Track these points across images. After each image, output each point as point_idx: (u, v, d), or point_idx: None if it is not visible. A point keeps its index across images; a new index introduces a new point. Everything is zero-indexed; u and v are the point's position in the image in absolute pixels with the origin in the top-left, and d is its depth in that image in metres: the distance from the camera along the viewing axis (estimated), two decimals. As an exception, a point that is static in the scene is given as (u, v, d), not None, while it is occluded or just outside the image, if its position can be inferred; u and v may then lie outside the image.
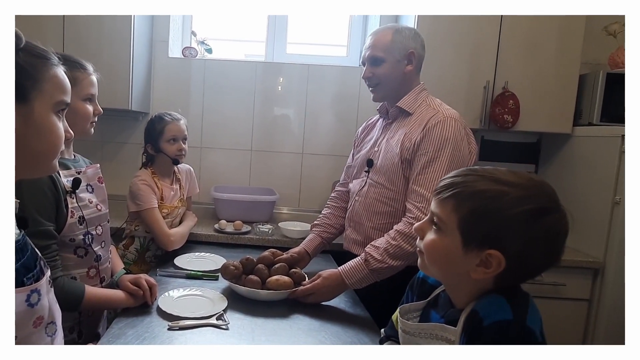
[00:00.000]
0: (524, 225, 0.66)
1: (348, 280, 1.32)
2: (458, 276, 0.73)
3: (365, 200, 1.49)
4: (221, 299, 1.26)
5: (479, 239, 0.69)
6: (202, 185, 2.44)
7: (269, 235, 1.96)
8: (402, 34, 1.44)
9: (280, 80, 2.47)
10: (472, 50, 2.08)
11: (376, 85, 1.48)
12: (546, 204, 0.68)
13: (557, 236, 0.69)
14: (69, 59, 1.16)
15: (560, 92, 2.10)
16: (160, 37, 2.42)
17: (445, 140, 1.32)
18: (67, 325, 1.17)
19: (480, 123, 2.12)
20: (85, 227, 1.18)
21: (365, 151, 1.57)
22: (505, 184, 0.69)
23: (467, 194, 0.70)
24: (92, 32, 2.09)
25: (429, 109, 1.41)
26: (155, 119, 1.72)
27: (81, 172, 1.21)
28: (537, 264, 0.71)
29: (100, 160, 2.46)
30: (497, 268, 0.68)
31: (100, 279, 1.26)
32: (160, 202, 1.68)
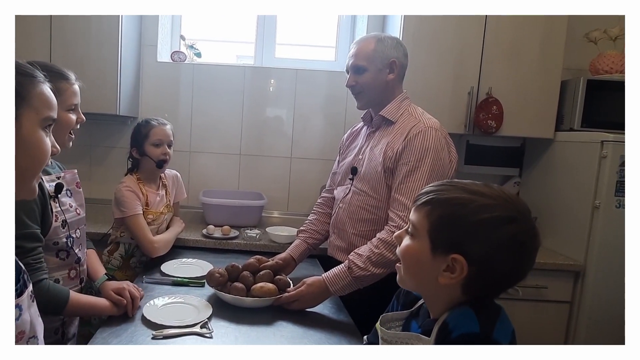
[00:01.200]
0: (487, 231, 0.69)
1: (332, 288, 1.34)
2: (429, 283, 0.75)
3: (349, 208, 1.52)
4: (206, 306, 1.28)
5: (445, 244, 0.71)
6: (191, 189, 2.46)
7: (257, 240, 1.97)
8: (385, 43, 1.47)
9: (269, 85, 2.48)
10: (456, 56, 2.12)
11: (359, 93, 1.51)
12: (511, 213, 0.70)
13: (522, 246, 0.70)
14: (51, 69, 1.17)
15: (542, 97, 2.14)
16: (149, 41, 2.43)
17: (426, 149, 1.35)
18: (53, 327, 1.19)
19: (465, 128, 2.15)
20: (67, 231, 1.20)
21: (350, 159, 1.60)
22: (475, 193, 0.72)
23: (439, 201, 0.73)
24: (80, 37, 2.09)
25: (411, 118, 1.44)
26: (142, 123, 1.74)
27: (61, 177, 1.23)
28: (502, 273, 0.71)
29: (89, 164, 2.49)
30: (461, 273, 0.70)
31: (80, 279, 1.28)
32: (145, 208, 1.69)
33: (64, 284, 1.20)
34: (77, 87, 1.22)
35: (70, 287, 1.21)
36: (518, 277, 0.73)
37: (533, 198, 2.30)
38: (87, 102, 2.09)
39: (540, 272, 1.93)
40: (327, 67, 2.57)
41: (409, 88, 1.57)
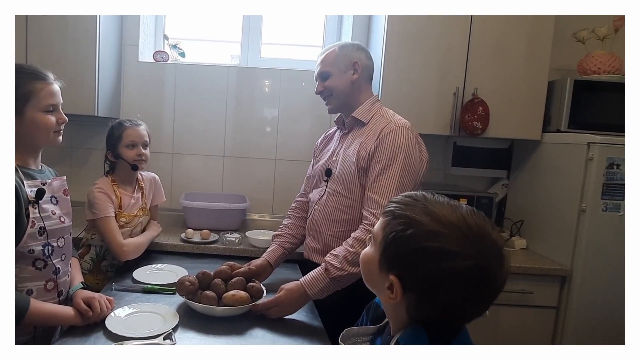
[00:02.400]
0: (426, 261, 0.64)
1: (310, 291, 1.32)
2: (380, 294, 0.73)
3: (324, 209, 1.52)
4: (173, 316, 1.23)
5: (388, 262, 0.69)
6: (173, 191, 2.41)
7: (237, 244, 1.93)
8: (346, 47, 1.54)
9: (254, 85, 2.43)
10: (442, 56, 2.07)
11: (328, 97, 1.56)
12: (461, 248, 0.62)
13: (469, 285, 0.63)
14: (26, 70, 1.14)
15: (529, 98, 2.10)
16: (130, 41, 2.38)
17: (397, 148, 1.38)
18: (22, 340, 1.15)
19: (450, 129, 2.11)
20: (45, 239, 1.16)
21: (324, 161, 1.62)
22: (431, 215, 0.66)
23: (394, 216, 0.69)
24: (56, 36, 2.04)
25: (382, 119, 1.47)
26: (114, 124, 1.71)
27: (46, 183, 1.19)
28: (448, 308, 0.65)
29: (69, 166, 2.44)
30: (397, 295, 0.67)
31: (58, 292, 1.23)
32: (118, 210, 1.65)
33: (38, 295, 1.15)
34: (56, 87, 1.18)
35: (46, 300, 1.17)
36: (471, 313, 0.67)
37: (521, 200, 2.27)
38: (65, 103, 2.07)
39: (526, 277, 1.89)
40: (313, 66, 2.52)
41: (393, 89, 1.58)
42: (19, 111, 1.10)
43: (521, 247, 2.14)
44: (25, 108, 1.11)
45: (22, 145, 1.14)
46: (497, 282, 0.65)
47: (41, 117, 1.13)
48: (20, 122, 1.11)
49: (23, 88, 1.10)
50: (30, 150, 1.18)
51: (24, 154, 1.16)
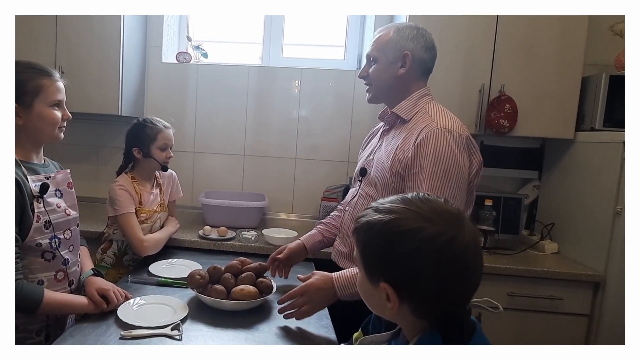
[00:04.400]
0: (393, 250, 0.64)
1: (340, 292, 1.17)
2: (385, 314, 0.71)
3: (354, 212, 1.39)
4: (183, 308, 1.23)
5: (373, 273, 0.67)
6: (195, 189, 2.44)
7: (253, 242, 1.92)
8: (402, 33, 1.31)
9: (275, 85, 2.44)
10: (466, 52, 2.00)
11: (369, 86, 1.39)
12: (412, 224, 0.63)
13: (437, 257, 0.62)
14: (34, 67, 1.17)
15: (561, 95, 1.99)
16: (154, 42, 2.43)
17: (437, 156, 1.18)
18: (35, 328, 1.18)
19: (476, 128, 2.03)
20: (51, 232, 1.17)
21: (362, 160, 1.47)
22: (378, 211, 0.67)
23: (359, 230, 0.69)
24: (83, 37, 2.11)
25: (426, 116, 1.27)
26: (146, 123, 1.70)
27: (50, 177, 1.21)
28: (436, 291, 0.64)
29: (96, 164, 2.51)
30: (395, 300, 0.65)
31: (69, 282, 1.25)
32: (138, 206, 1.67)
33: (49, 285, 1.17)
34: (61, 84, 1.20)
35: (57, 289, 1.18)
36: (461, 291, 0.65)
37: (553, 202, 2.15)
38: (90, 103, 2.16)
39: (555, 283, 1.78)
40: (335, 65, 2.51)
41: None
42: (28, 104, 1.13)
43: (552, 251, 2.02)
44: (34, 102, 1.14)
45: (26, 139, 1.17)
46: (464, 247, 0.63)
47: (48, 112, 1.16)
48: (27, 116, 1.14)
49: (33, 82, 1.13)
50: (34, 145, 1.20)
51: (27, 149, 1.18)
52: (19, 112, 1.12)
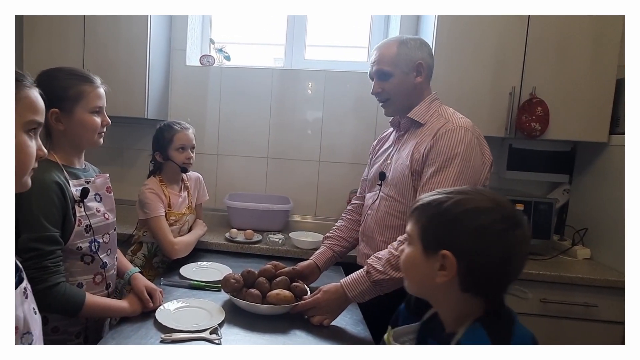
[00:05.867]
0: (464, 223, 0.71)
1: (350, 293, 1.24)
2: (430, 286, 0.76)
3: (377, 214, 1.43)
4: (219, 312, 1.22)
5: (433, 244, 0.74)
6: (218, 192, 2.44)
7: (280, 245, 1.90)
8: (408, 45, 1.38)
9: (298, 87, 2.43)
10: (496, 54, 1.97)
11: (386, 101, 1.43)
12: (485, 204, 0.72)
13: (501, 234, 0.70)
14: (77, 73, 1.18)
15: (595, 97, 1.94)
16: (178, 45, 2.44)
17: (453, 149, 1.25)
18: (75, 330, 1.19)
19: (506, 131, 1.99)
20: (91, 235, 1.18)
21: (378, 164, 1.52)
22: (452, 192, 0.75)
23: (422, 206, 0.77)
24: (110, 40, 2.13)
25: (440, 118, 1.35)
26: (164, 127, 1.73)
27: (90, 181, 1.22)
28: (491, 264, 0.71)
29: (120, 166, 2.52)
30: (452, 269, 0.71)
31: (107, 285, 1.26)
32: (167, 209, 1.67)
33: (87, 288, 1.18)
34: (102, 91, 1.21)
35: (95, 292, 1.19)
36: (510, 269, 0.72)
37: (584, 207, 2.09)
38: (116, 105, 2.15)
39: (589, 289, 1.73)
40: (358, 68, 2.49)
41: (443, 89, 1.46)
42: (69, 110, 1.14)
43: (584, 257, 1.97)
44: (75, 108, 1.14)
45: (68, 144, 1.18)
46: (524, 232, 0.71)
47: (89, 118, 1.17)
48: (68, 122, 1.15)
49: (74, 89, 1.14)
50: (75, 150, 1.21)
51: (69, 153, 1.19)
52: (60, 118, 1.14)
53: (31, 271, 1.00)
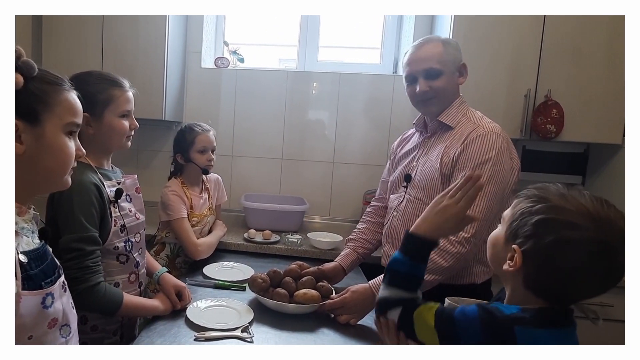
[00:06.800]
0: (545, 231, 0.69)
1: None
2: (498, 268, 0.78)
3: (403, 216, 1.44)
4: (248, 311, 1.24)
5: (513, 234, 0.74)
6: (233, 193, 2.46)
7: (298, 245, 1.93)
8: (451, 45, 1.40)
9: (312, 89, 2.45)
10: (511, 56, 1.99)
11: (430, 99, 1.39)
12: (578, 220, 0.67)
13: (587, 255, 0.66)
14: (105, 77, 1.19)
15: (609, 100, 1.96)
16: (193, 48, 2.47)
17: (484, 154, 1.27)
18: (112, 328, 1.21)
19: (521, 133, 2.01)
20: (126, 235, 1.21)
21: (403, 166, 1.51)
22: (558, 195, 0.71)
23: (529, 195, 0.75)
24: (129, 43, 2.15)
25: (469, 122, 1.36)
26: (185, 129, 1.74)
27: (121, 182, 1.23)
28: (563, 278, 0.69)
29: (136, 167, 2.54)
30: (516, 264, 0.72)
31: (139, 283, 1.29)
32: (190, 211, 1.69)
33: (123, 287, 1.21)
34: (131, 95, 1.22)
35: (129, 291, 1.21)
36: (587, 290, 0.70)
37: (597, 209, 2.11)
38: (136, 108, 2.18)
39: (606, 289, 1.75)
40: (372, 70, 2.51)
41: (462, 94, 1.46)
42: (99, 115, 1.16)
43: (599, 258, 1.99)
44: (104, 112, 1.16)
45: (98, 147, 1.19)
46: (616, 262, 0.67)
47: (117, 122, 1.18)
48: (98, 126, 1.16)
49: (104, 94, 1.16)
50: (104, 153, 1.23)
51: (99, 156, 1.21)
52: (90, 122, 1.15)
53: (73, 271, 1.02)
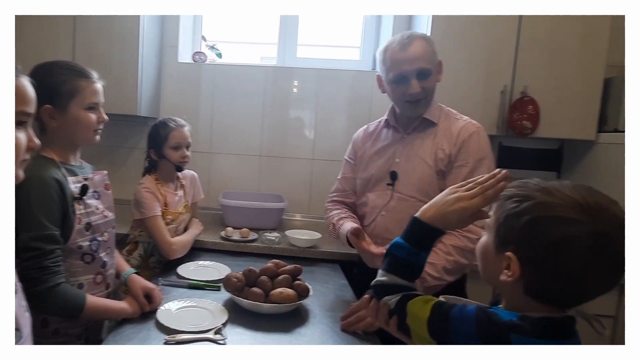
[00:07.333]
0: (540, 231, 0.64)
1: None
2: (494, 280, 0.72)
3: (397, 216, 1.40)
4: (222, 311, 1.21)
5: (503, 241, 0.69)
6: (211, 190, 2.41)
7: (276, 243, 1.90)
8: (431, 42, 1.38)
9: (291, 85, 2.42)
10: (488, 53, 2.00)
11: (420, 100, 1.37)
12: (574, 214, 0.62)
13: (587, 251, 0.61)
14: (73, 68, 1.15)
15: (583, 96, 1.99)
16: (170, 42, 2.41)
17: (482, 149, 1.33)
18: (75, 332, 1.16)
19: (497, 129, 2.03)
20: (91, 234, 1.16)
21: (381, 164, 1.47)
22: (541, 190, 0.66)
23: (505, 197, 0.71)
24: (102, 37, 2.09)
25: (451, 119, 1.41)
26: (159, 124, 1.70)
27: (88, 178, 1.19)
28: (564, 279, 0.64)
29: (111, 165, 2.47)
30: (514, 273, 0.67)
31: (106, 284, 1.24)
32: (164, 208, 1.65)
33: (88, 289, 1.16)
34: (99, 86, 1.18)
35: (95, 293, 1.17)
36: (592, 289, 0.65)
37: (571, 204, 2.15)
38: (108, 102, 2.08)
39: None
40: (351, 66, 2.49)
41: (437, 87, 1.46)
42: (63, 107, 1.11)
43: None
44: (70, 104, 1.11)
45: (63, 141, 1.15)
46: (618, 254, 0.62)
47: (84, 115, 1.13)
48: (63, 119, 1.11)
49: (69, 85, 1.11)
50: (70, 147, 1.18)
51: (64, 151, 1.16)
52: (53, 114, 1.10)
53: (31, 271, 0.98)
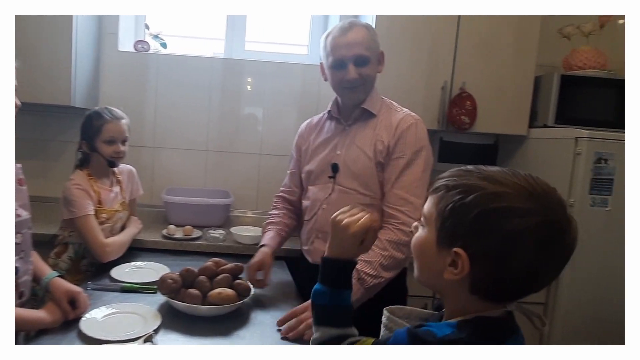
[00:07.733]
0: (491, 224, 0.60)
1: None
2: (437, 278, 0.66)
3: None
4: (155, 316, 1.16)
5: (449, 236, 0.63)
6: (155, 187, 2.33)
7: (221, 241, 1.86)
8: (373, 31, 1.37)
9: (239, 78, 2.36)
10: (429, 50, 2.05)
11: (357, 87, 1.37)
12: (526, 204, 0.59)
13: (539, 243, 0.59)
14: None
15: (516, 93, 2.10)
16: (109, 29, 2.27)
17: (419, 142, 1.33)
18: None
19: (438, 124, 2.09)
20: None
21: (323, 156, 1.46)
22: (487, 179, 0.62)
23: (447, 188, 0.65)
24: (29, 20, 1.92)
25: (391, 111, 1.40)
26: (93, 114, 1.59)
27: None
28: (514, 273, 0.61)
29: (44, 160, 2.32)
30: (462, 270, 0.62)
31: (19, 293, 1.13)
32: (97, 206, 1.55)
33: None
34: None
35: None
36: (539, 279, 0.63)
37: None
38: (39, 92, 1.98)
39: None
40: (299, 60, 2.47)
41: (381, 83, 1.48)
42: None
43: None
44: None
45: None
46: (568, 241, 0.61)
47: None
48: None
49: None
50: None
51: None
52: None
53: None
